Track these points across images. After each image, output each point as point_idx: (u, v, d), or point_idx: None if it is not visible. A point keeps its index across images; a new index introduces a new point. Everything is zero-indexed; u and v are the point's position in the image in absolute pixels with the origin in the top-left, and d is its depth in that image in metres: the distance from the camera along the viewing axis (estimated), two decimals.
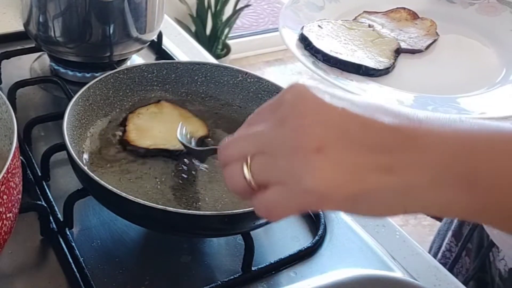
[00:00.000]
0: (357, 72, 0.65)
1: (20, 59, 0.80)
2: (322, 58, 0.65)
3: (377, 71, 0.65)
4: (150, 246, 0.58)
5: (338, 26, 0.71)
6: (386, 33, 0.71)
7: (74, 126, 0.59)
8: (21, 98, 0.72)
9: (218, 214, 0.52)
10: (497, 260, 0.74)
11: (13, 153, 0.44)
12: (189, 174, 0.59)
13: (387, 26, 0.74)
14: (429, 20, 0.75)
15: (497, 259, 0.74)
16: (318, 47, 0.66)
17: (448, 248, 0.86)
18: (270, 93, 0.66)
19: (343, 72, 0.65)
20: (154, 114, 0.65)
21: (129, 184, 0.57)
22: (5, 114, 0.49)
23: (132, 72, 0.67)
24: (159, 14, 0.77)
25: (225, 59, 2.59)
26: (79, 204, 0.56)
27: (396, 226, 0.64)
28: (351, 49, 0.67)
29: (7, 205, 0.44)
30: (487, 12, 0.76)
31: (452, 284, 0.58)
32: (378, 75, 0.65)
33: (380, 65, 0.66)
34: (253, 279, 0.55)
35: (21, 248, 0.55)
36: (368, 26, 0.72)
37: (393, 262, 0.59)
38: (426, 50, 0.71)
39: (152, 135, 0.62)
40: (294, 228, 0.61)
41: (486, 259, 0.76)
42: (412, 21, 0.75)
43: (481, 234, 0.78)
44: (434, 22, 0.75)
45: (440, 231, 0.91)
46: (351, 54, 0.67)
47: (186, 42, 0.93)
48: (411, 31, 0.73)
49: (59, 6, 0.70)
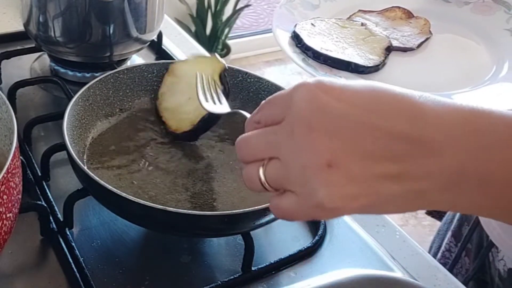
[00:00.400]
0: (346, 69, 0.65)
1: (20, 59, 0.80)
2: (312, 55, 0.65)
3: (366, 68, 0.66)
4: (150, 246, 0.58)
5: (331, 24, 0.71)
6: (379, 31, 0.72)
7: (74, 126, 0.59)
8: (21, 98, 0.72)
9: (218, 214, 0.52)
10: (497, 261, 0.74)
11: (13, 153, 0.44)
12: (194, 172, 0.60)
13: (381, 25, 0.74)
14: (423, 19, 0.75)
15: (497, 259, 0.74)
16: (308, 44, 0.66)
17: (447, 248, 0.86)
18: (270, 93, 0.65)
19: (333, 69, 0.65)
20: (173, 85, 0.65)
21: (129, 184, 0.57)
22: (5, 114, 0.49)
23: (132, 72, 0.67)
24: (159, 14, 0.77)
25: (225, 59, 2.58)
26: (79, 204, 0.56)
27: (396, 226, 0.64)
28: (342, 47, 0.68)
29: (7, 205, 0.44)
30: (482, 11, 0.76)
31: (452, 284, 0.58)
32: (367, 72, 0.66)
33: (369, 62, 0.66)
34: (253, 279, 0.55)
35: (21, 248, 0.55)
36: (361, 24, 0.72)
37: (393, 262, 0.59)
38: (418, 48, 0.71)
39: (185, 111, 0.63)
40: (294, 228, 0.61)
41: (486, 259, 0.76)
42: (407, 20, 0.75)
43: (481, 234, 0.78)
44: (428, 20, 0.75)
45: (439, 231, 0.91)
46: (342, 51, 0.67)
47: (186, 42, 0.93)
48: (404, 30, 0.73)
49: (59, 6, 0.70)
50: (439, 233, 0.91)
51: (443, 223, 0.91)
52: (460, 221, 0.84)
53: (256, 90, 0.67)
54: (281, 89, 0.65)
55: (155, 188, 0.57)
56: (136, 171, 0.59)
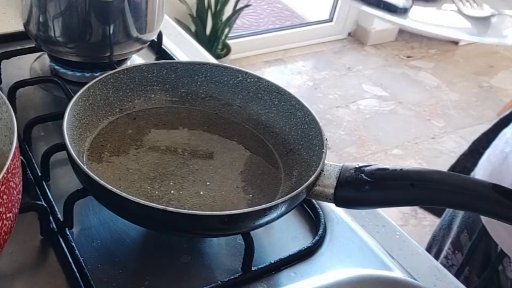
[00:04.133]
0: (378, 6, 0.68)
1: (20, 59, 0.80)
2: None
3: (397, 8, 0.68)
4: (150, 246, 0.58)
5: None
6: None
7: (74, 126, 0.59)
8: (21, 98, 0.72)
9: (218, 214, 0.52)
10: (508, 270, 0.74)
11: (13, 153, 0.44)
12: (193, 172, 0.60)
13: None
14: None
15: (508, 269, 0.74)
16: None
17: (444, 255, 0.86)
18: (270, 93, 0.66)
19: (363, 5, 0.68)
20: None
21: (129, 184, 0.58)
22: (5, 114, 0.49)
23: (132, 72, 0.67)
24: (159, 14, 0.77)
25: (225, 59, 2.59)
26: (79, 204, 0.56)
27: (396, 226, 0.64)
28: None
29: (7, 205, 0.44)
30: None
31: (452, 284, 0.58)
32: (397, 12, 0.68)
33: (399, 2, 0.68)
34: (253, 279, 0.55)
35: (21, 248, 0.55)
36: None
37: (393, 262, 0.59)
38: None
39: None
40: (294, 228, 0.61)
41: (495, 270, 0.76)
42: None
43: (488, 245, 0.78)
44: None
45: (435, 237, 0.91)
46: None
47: (186, 42, 0.93)
48: None
49: (59, 6, 0.70)
50: (434, 239, 0.91)
51: (439, 229, 0.90)
52: (459, 228, 0.84)
53: (256, 90, 0.67)
54: (281, 89, 0.65)
55: (156, 186, 0.57)
56: (137, 171, 0.59)
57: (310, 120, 0.62)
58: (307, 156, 0.60)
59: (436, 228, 0.91)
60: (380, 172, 0.53)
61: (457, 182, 0.51)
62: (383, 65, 3.07)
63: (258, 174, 0.61)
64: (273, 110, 0.65)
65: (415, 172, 0.53)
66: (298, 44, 3.09)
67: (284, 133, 0.64)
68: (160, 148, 0.63)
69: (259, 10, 3.34)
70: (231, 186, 0.59)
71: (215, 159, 0.62)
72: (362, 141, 2.50)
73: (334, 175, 0.55)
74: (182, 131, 0.65)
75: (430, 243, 0.92)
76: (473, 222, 0.81)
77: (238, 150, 0.64)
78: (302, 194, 0.54)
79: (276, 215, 0.52)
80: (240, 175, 0.61)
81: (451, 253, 0.84)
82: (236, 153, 0.63)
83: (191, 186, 0.58)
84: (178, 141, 0.64)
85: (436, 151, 2.51)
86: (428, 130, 2.63)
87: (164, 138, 0.64)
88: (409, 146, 2.51)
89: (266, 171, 0.62)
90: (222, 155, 0.63)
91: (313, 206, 0.62)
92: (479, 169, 0.81)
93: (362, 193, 0.53)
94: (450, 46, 3.32)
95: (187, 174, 0.60)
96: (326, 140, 0.58)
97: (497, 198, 0.48)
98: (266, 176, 0.61)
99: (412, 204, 0.54)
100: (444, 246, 0.86)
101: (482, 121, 2.73)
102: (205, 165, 0.61)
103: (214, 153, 0.63)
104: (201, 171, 0.60)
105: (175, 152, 0.62)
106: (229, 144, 0.64)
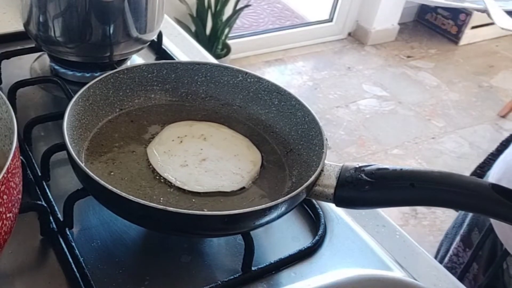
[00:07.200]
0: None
1: (20, 59, 0.80)
2: None
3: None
4: (150, 246, 0.58)
5: None
6: None
7: (74, 126, 0.59)
8: (21, 98, 0.72)
9: (218, 214, 0.52)
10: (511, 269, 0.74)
11: (13, 153, 0.44)
12: None
13: None
14: None
15: (511, 267, 0.74)
16: None
17: (455, 252, 0.86)
18: (270, 93, 0.66)
19: None
20: None
21: (129, 184, 0.58)
22: (5, 114, 0.49)
23: (132, 72, 0.67)
24: (159, 14, 0.77)
25: (225, 59, 2.59)
26: (79, 204, 0.56)
27: (396, 226, 0.64)
28: None
29: (7, 205, 0.44)
30: None
31: (452, 284, 0.58)
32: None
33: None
34: (253, 279, 0.55)
35: (21, 248, 0.55)
36: None
37: (393, 262, 0.58)
38: None
39: None
40: (294, 228, 0.61)
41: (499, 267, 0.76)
42: None
43: (494, 242, 0.78)
44: None
45: (448, 235, 0.91)
46: None
47: (186, 42, 0.93)
48: None
49: (59, 6, 0.70)
50: (447, 236, 0.91)
51: (452, 227, 0.90)
52: (470, 226, 0.84)
53: (256, 90, 0.67)
54: (281, 89, 0.65)
55: (155, 186, 0.57)
56: (137, 171, 0.59)
57: (310, 120, 0.62)
58: (307, 156, 0.60)
59: (450, 226, 0.91)
60: (380, 172, 0.53)
61: (457, 182, 0.51)
62: (383, 65, 3.07)
63: (262, 173, 0.61)
64: (273, 110, 0.65)
65: (415, 172, 0.53)
66: (298, 44, 3.09)
67: (284, 133, 0.64)
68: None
69: (259, 10, 3.34)
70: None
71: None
72: (362, 141, 2.50)
73: (334, 175, 0.55)
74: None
75: (442, 240, 0.92)
76: (484, 220, 0.81)
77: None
78: (302, 194, 0.54)
79: (276, 215, 0.52)
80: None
81: (462, 251, 0.84)
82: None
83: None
84: None
85: (436, 151, 2.51)
86: (428, 130, 2.64)
87: None
88: (409, 146, 2.51)
89: (270, 171, 0.62)
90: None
91: (313, 206, 0.62)
92: (494, 168, 0.80)
93: (362, 193, 0.53)
94: (450, 46, 3.32)
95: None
96: (326, 140, 0.58)
97: (497, 198, 0.48)
98: (270, 175, 0.61)
99: (412, 204, 0.54)
100: (454, 244, 0.86)
101: (482, 121, 2.73)
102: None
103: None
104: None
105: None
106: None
